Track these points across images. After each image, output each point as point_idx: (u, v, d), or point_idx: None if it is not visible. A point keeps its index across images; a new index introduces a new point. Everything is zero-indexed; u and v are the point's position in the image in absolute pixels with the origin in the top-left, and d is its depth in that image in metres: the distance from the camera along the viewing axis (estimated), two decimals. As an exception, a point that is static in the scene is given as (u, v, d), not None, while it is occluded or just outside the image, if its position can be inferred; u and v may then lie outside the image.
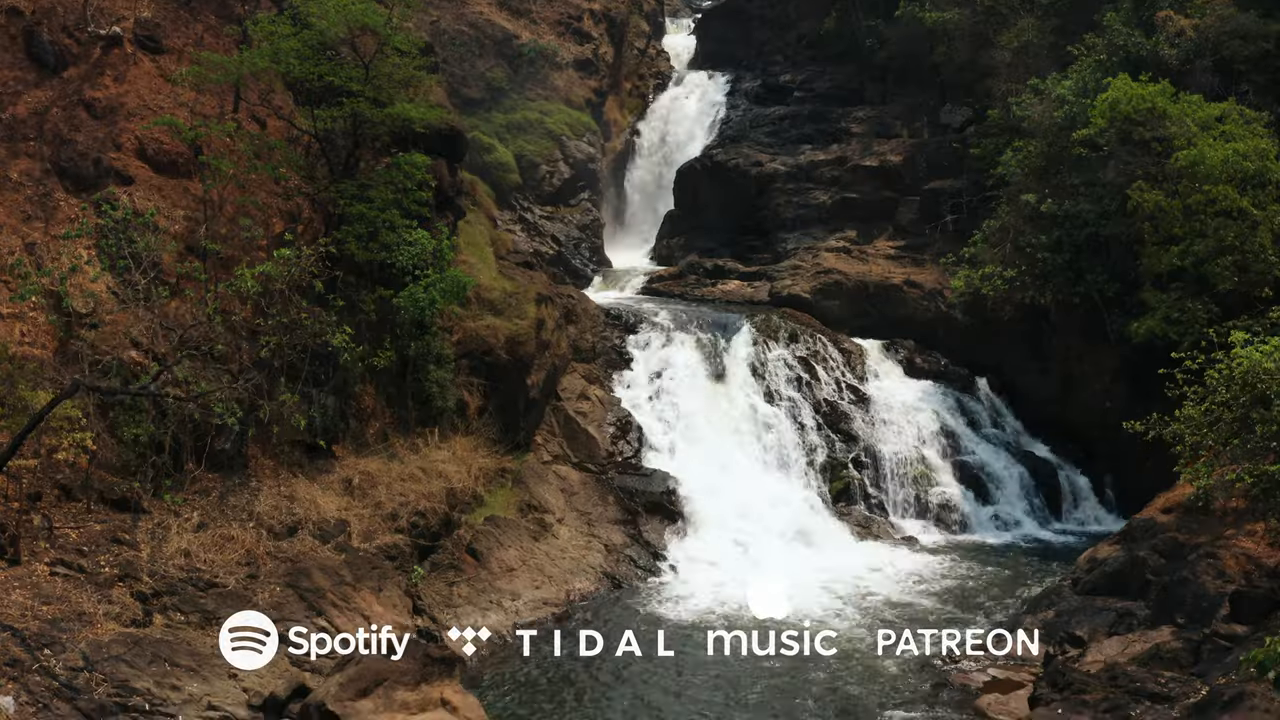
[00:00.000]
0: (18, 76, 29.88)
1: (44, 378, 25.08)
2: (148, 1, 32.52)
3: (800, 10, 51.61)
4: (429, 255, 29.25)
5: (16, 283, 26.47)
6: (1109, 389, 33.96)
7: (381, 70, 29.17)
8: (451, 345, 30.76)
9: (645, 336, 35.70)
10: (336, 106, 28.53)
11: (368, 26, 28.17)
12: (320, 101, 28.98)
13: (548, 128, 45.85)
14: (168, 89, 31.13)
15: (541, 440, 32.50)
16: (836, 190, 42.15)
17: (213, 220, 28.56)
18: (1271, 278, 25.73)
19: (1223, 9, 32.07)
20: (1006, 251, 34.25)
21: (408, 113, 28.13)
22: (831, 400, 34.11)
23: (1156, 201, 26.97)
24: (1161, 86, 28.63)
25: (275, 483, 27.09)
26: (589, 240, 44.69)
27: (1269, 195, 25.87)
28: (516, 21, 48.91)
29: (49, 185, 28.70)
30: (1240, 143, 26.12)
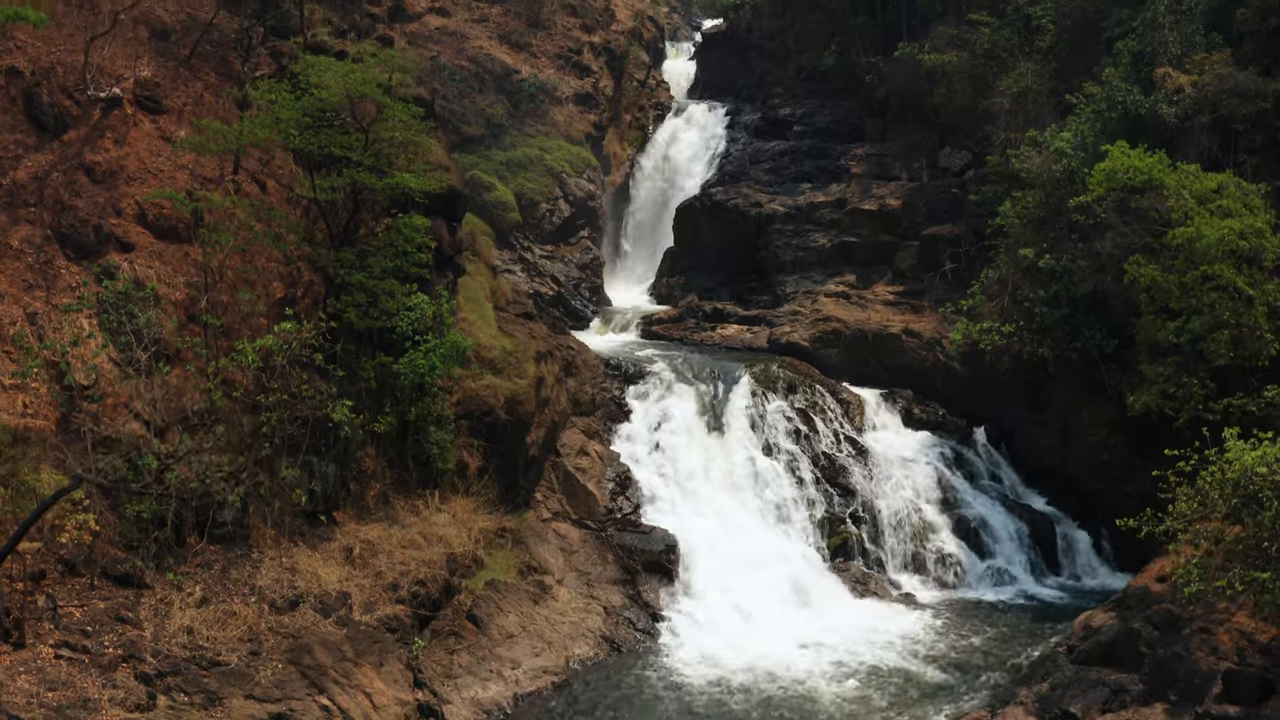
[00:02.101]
0: (18, 140, 29.96)
1: (46, 453, 25.35)
2: (147, 60, 32.64)
3: (800, 42, 51.58)
4: (429, 320, 29.40)
5: (18, 353, 26.63)
6: (1106, 441, 34.10)
7: (381, 135, 29.26)
8: (451, 406, 30.90)
9: (644, 387, 35.85)
10: (336, 174, 28.62)
11: (366, 95, 28.22)
12: (320, 166, 29.09)
13: (548, 165, 45.90)
14: (168, 150, 31.21)
15: (541, 497, 32.69)
16: (836, 233, 42.24)
17: (213, 288, 28.68)
18: (1267, 355, 25.86)
19: (1221, 67, 32.09)
20: (1004, 305, 34.37)
21: (407, 182, 28.24)
22: (830, 453, 34.28)
23: (1153, 276, 27.10)
24: (1158, 157, 28.69)
25: (277, 553, 27.28)
26: (589, 280, 44.79)
27: (1264, 273, 25.98)
28: (517, 56, 48.90)
29: (50, 253, 28.80)
30: (1236, 220, 26.21)
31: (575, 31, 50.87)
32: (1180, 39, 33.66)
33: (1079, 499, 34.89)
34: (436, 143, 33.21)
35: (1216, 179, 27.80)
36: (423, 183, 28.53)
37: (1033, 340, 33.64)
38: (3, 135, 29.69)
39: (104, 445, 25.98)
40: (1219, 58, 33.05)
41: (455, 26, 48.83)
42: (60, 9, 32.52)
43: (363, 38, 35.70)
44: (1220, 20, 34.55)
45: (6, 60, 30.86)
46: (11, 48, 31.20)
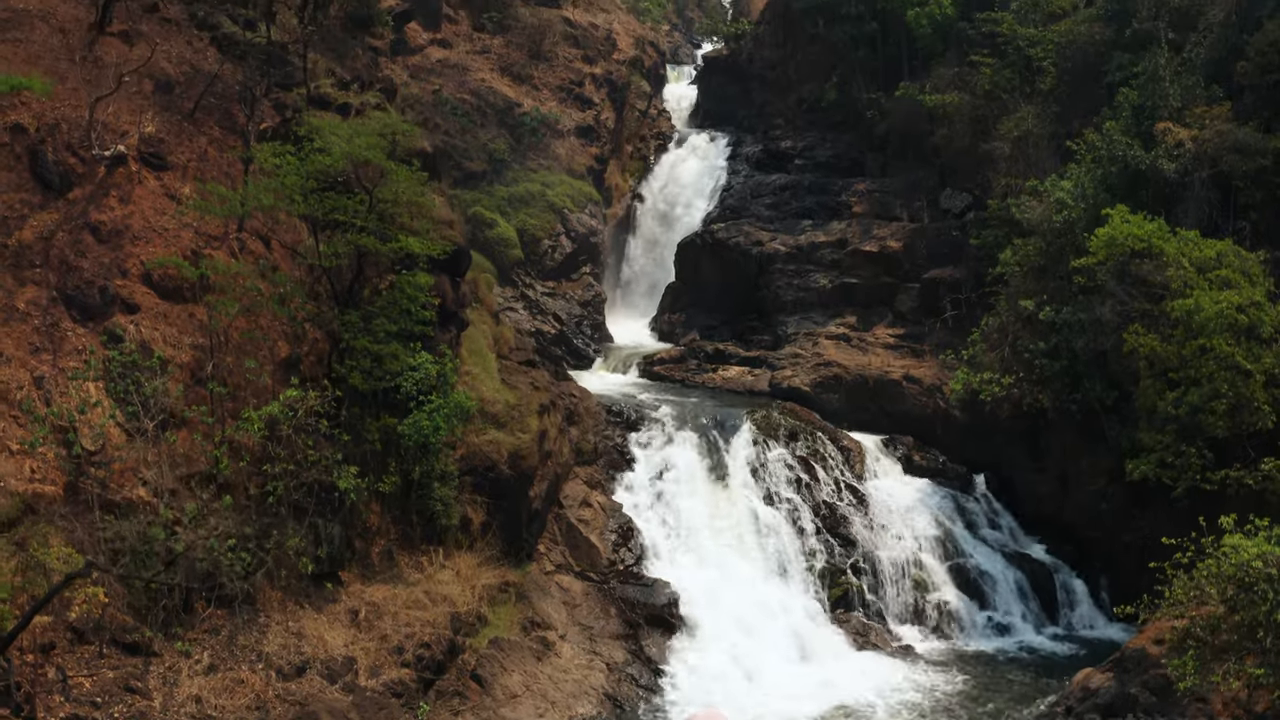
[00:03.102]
0: (23, 199, 30.02)
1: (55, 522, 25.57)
2: (151, 115, 32.70)
3: (801, 73, 51.65)
4: (433, 379, 29.59)
5: (25, 418, 26.83)
6: (1105, 490, 34.36)
7: (384, 196, 29.40)
8: (455, 462, 31.11)
9: (647, 434, 36.08)
10: (341, 236, 28.77)
11: (370, 160, 28.36)
12: (325, 227, 29.23)
13: (549, 200, 46.04)
14: (172, 208, 31.32)
15: (544, 549, 32.93)
16: (837, 274, 42.45)
17: (219, 350, 28.85)
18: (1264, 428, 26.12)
19: (1222, 123, 32.24)
20: (1004, 355, 34.59)
21: (411, 246, 28.42)
22: (830, 502, 34.53)
23: (1153, 347, 27.31)
24: (1158, 224, 28.88)
25: (283, 616, 27.50)
26: (590, 317, 44.99)
27: (1262, 345, 26.18)
28: (518, 88, 48.98)
29: (56, 315, 28.93)
30: (1235, 292, 26.41)
31: (577, 63, 50.96)
32: (1181, 91, 33.81)
33: (1077, 547, 35.17)
34: (439, 197, 33.36)
35: (1216, 247, 28.00)
36: (427, 247, 28.72)
37: (1032, 391, 33.88)
38: (8, 194, 29.77)
39: (112, 513, 26.20)
40: (1219, 111, 33.21)
41: (457, 59, 48.89)
42: (64, 64, 32.66)
43: (366, 89, 35.78)
44: (1221, 72, 34.71)
45: (11, 116, 30.92)
46: (16, 103, 31.22)
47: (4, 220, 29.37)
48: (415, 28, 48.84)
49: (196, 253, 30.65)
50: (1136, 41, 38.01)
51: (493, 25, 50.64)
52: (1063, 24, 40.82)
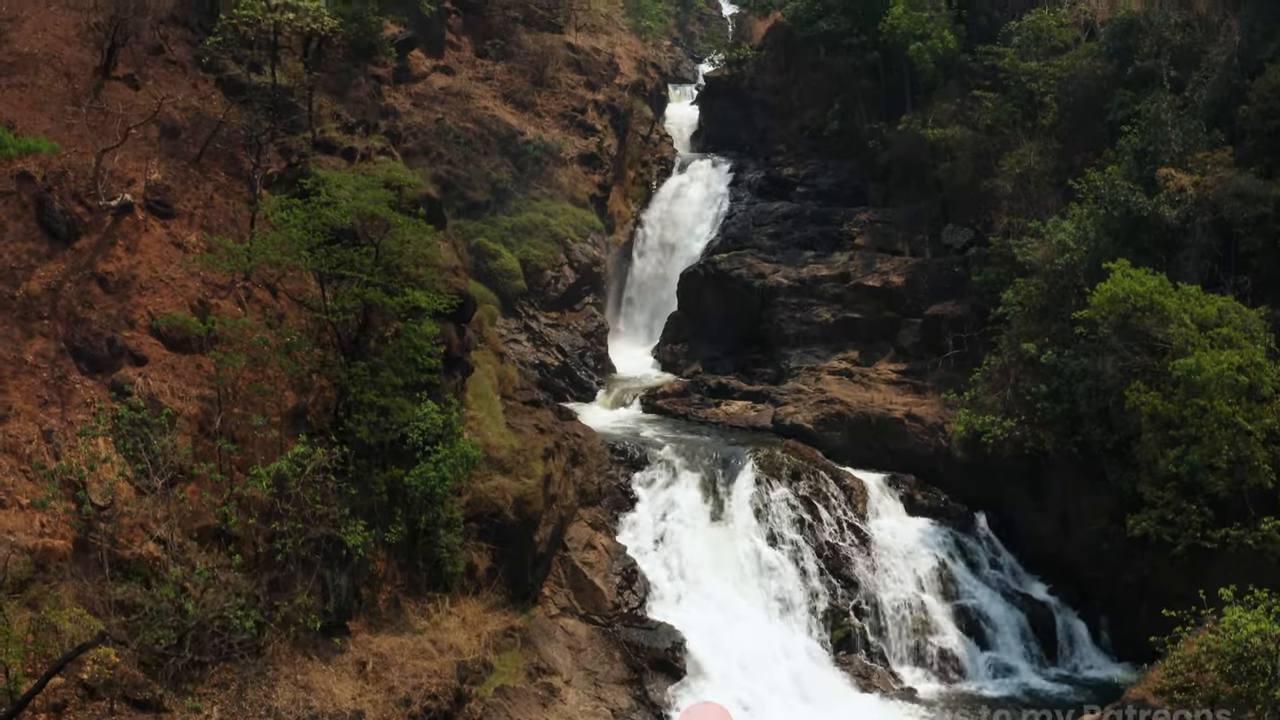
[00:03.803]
0: (30, 248, 30.09)
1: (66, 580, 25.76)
2: (157, 161, 32.81)
3: (803, 99, 51.74)
4: (439, 428, 29.78)
5: (35, 472, 27.02)
6: (1106, 530, 34.55)
7: (390, 247, 29.58)
8: (461, 508, 31.32)
9: (650, 474, 36.31)
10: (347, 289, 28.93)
11: (377, 215, 28.53)
12: (331, 278, 29.38)
13: (553, 230, 46.19)
14: (179, 256, 31.45)
15: (549, 592, 33.16)
16: (839, 308, 42.62)
17: (226, 401, 29.02)
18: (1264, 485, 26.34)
19: (1223, 169, 32.38)
20: (1006, 397, 34.80)
21: (418, 300, 28.60)
22: (833, 543, 34.77)
23: (1154, 405, 27.54)
24: (1159, 280, 29.03)
25: (291, 669, 27.70)
26: (593, 348, 45.16)
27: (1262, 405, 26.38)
28: (521, 115, 49.07)
29: (64, 367, 29.06)
30: (1236, 352, 26.60)
31: (579, 89, 51.05)
32: (1182, 135, 33.94)
33: (1078, 587, 35.40)
34: (444, 241, 33.50)
35: (1217, 303, 28.20)
36: (434, 301, 28.89)
37: (1034, 432, 34.12)
38: (15, 244, 29.86)
39: (122, 569, 26.42)
40: (1221, 156, 33.37)
41: (460, 86, 48.96)
42: (70, 109, 32.75)
43: (370, 132, 35.89)
44: (1222, 114, 34.85)
45: (18, 164, 30.96)
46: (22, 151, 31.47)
47: (12, 271, 29.53)
48: (418, 55, 48.92)
49: (203, 303, 30.83)
50: (1138, 79, 38.15)
51: (495, 51, 50.73)
52: (1064, 58, 40.93)
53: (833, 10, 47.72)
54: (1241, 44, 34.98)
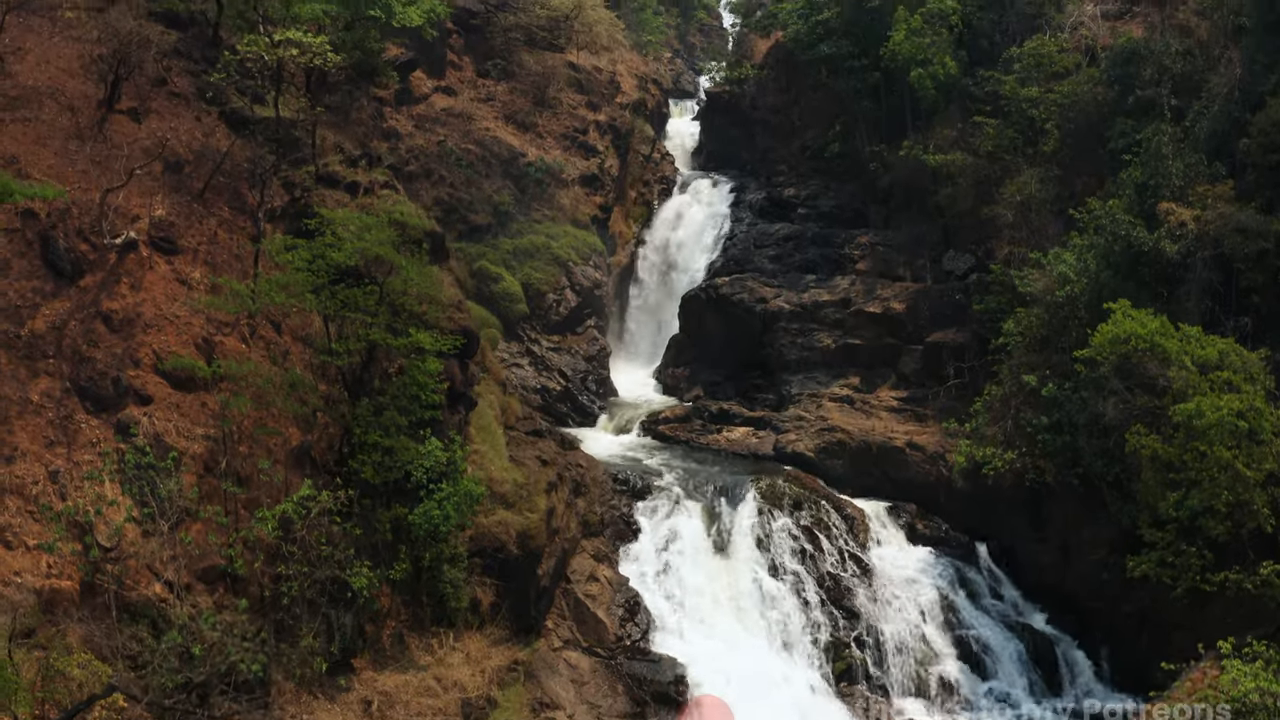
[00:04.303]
0: (35, 286, 30.15)
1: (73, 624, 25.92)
2: (161, 196, 32.88)
3: (804, 119, 51.81)
4: (443, 465, 29.94)
5: (41, 513, 27.17)
6: (1106, 561, 34.67)
7: (394, 287, 29.72)
8: (464, 543, 31.47)
9: (653, 503, 36.48)
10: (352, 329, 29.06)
11: (381, 257, 28.66)
12: (336, 317, 29.51)
13: (554, 253, 46.28)
14: (184, 294, 31.55)
15: (552, 624, 33.32)
16: (840, 333, 42.78)
17: (231, 440, 29.15)
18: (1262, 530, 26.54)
19: (1224, 204, 32.49)
20: (1007, 428, 34.93)
21: (422, 341, 28.74)
22: (835, 573, 34.93)
23: (1155, 449, 27.73)
24: (1160, 322, 29.14)
25: (297, 709, 27.87)
26: (595, 372, 45.30)
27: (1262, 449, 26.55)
28: (523, 137, 49.13)
29: (70, 406, 29.18)
30: (1236, 397, 26.77)
31: (580, 109, 51.10)
32: (1183, 169, 34.03)
33: (1079, 617, 35.54)
34: (447, 275, 33.62)
35: (1218, 345, 28.33)
36: (438, 343, 29.02)
37: (1035, 465, 34.27)
38: (20, 282, 29.94)
39: (129, 612, 26.57)
40: (1221, 190, 33.47)
41: (461, 107, 49.01)
42: (73, 144, 32.82)
43: (374, 165, 35.96)
44: (1223, 147, 34.92)
45: (23, 202, 31.14)
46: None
47: (17, 309, 29.63)
48: (420, 75, 48.96)
49: (208, 340, 30.95)
50: (1139, 108, 38.23)
51: (497, 72, 50.77)
52: (1065, 84, 41.00)
53: (834, 33, 47.81)
54: (1242, 76, 35.06)
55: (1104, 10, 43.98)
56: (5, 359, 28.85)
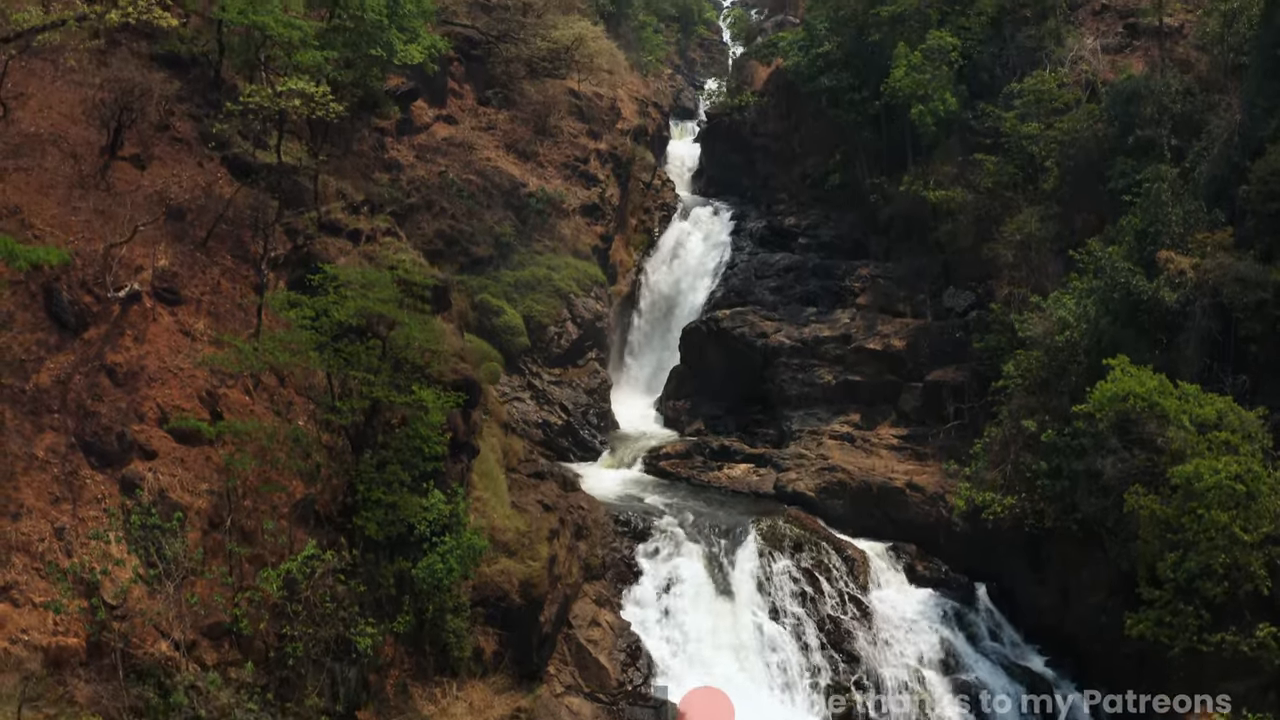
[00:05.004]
0: (39, 339, 30.23)
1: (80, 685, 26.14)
2: (164, 246, 32.97)
3: (805, 146, 51.89)
4: (446, 518, 30.13)
5: (47, 570, 27.36)
6: (1105, 603, 34.88)
7: (397, 340, 29.87)
8: (467, 592, 31.69)
9: (654, 544, 36.71)
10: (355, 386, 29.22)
11: (384, 315, 28.82)
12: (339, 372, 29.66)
13: (556, 285, 46.39)
14: (187, 345, 31.68)
15: (554, 670, 33.55)
16: (840, 369, 42.97)
17: (236, 495, 29.33)
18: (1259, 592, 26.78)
19: (1224, 254, 32.62)
20: (1007, 472, 35.13)
21: (425, 399, 28.88)
22: (835, 616, 35.16)
23: (1153, 509, 27.94)
24: (1159, 381, 29.29)
25: (301, 764, 28.14)
26: (596, 405, 45.47)
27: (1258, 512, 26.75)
28: (524, 166, 49.20)
29: (74, 462, 29.30)
30: (1234, 460, 26.95)
31: (582, 138, 51.15)
32: (1182, 215, 34.16)
33: (1078, 659, 35.77)
34: (450, 327, 33.77)
35: (1216, 405, 28.50)
36: (441, 401, 29.17)
37: (1034, 508, 34.52)
38: (24, 335, 30.02)
39: (135, 671, 26.78)
40: (1221, 237, 33.60)
41: (462, 136, 49.06)
42: (76, 193, 32.91)
43: (376, 212, 36.08)
44: (1223, 192, 35.02)
45: (27, 256, 31.25)
46: (30, 238, 31.51)
47: (22, 363, 29.74)
48: (421, 104, 49.02)
49: (211, 393, 31.11)
50: (1139, 147, 38.34)
51: (498, 100, 50.82)
52: (1065, 120, 41.07)
53: (834, 66, 47.89)
54: (1242, 121, 35.14)
55: (1104, 44, 44.04)
56: (10, 414, 29.00)
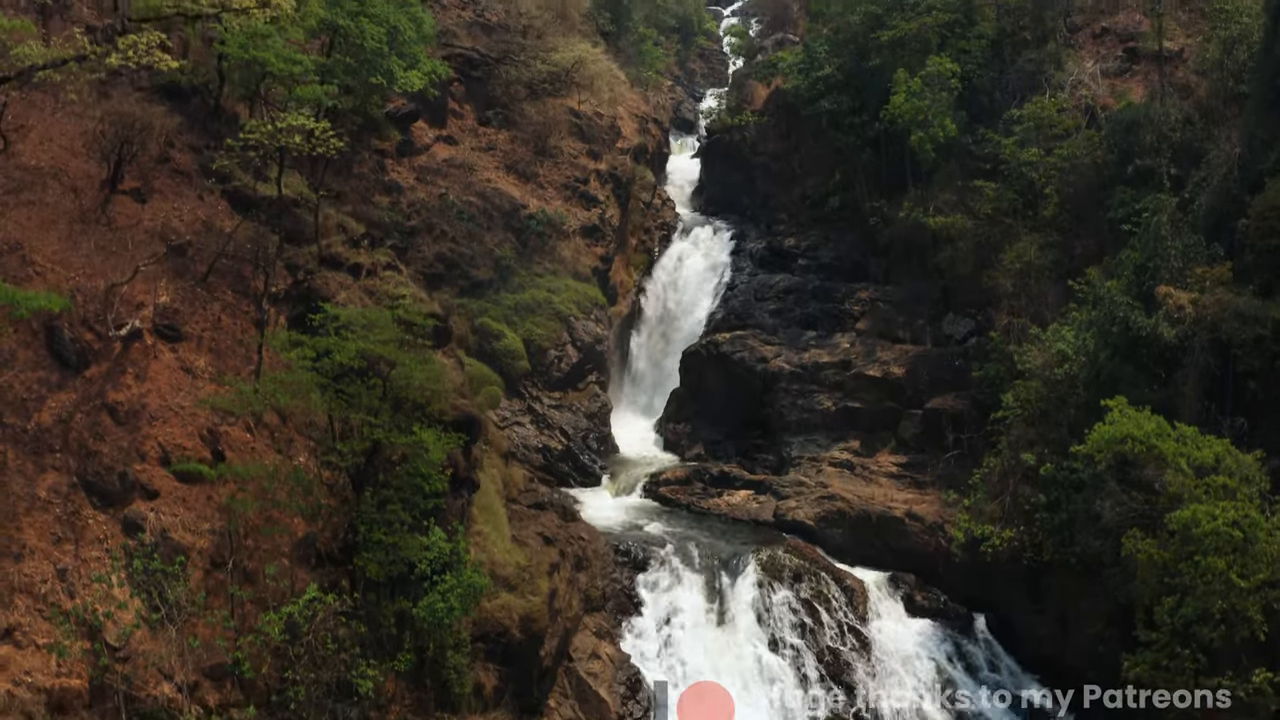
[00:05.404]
0: (40, 377, 30.28)
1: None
2: (165, 283, 33.00)
3: (805, 167, 51.90)
4: (446, 556, 30.24)
5: (50, 611, 27.48)
6: (1103, 634, 34.99)
7: (398, 380, 29.95)
8: (468, 628, 31.79)
9: (654, 575, 36.84)
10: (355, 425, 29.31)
11: (384, 356, 28.90)
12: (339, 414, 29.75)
13: (556, 308, 46.45)
14: (188, 383, 31.73)
15: (554, 704, 33.66)
16: (840, 395, 43.06)
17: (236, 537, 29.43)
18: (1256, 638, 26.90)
19: (1223, 291, 32.65)
20: (1005, 505, 35.23)
21: (426, 440, 28.96)
22: (834, 647, 35.30)
23: (1150, 553, 28.07)
24: (1157, 424, 29.34)
25: (303, 805, 28.28)
26: (596, 429, 45.54)
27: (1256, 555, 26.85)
28: (524, 187, 49.23)
29: (77, 502, 29.38)
30: (1231, 505, 27.04)
31: (582, 159, 51.18)
32: (1181, 249, 34.21)
33: (1078, 691, 35.79)
34: (449, 359, 33.83)
35: (1214, 449, 28.57)
36: (442, 442, 29.25)
37: (1033, 541, 34.64)
38: (26, 373, 30.04)
39: (138, 714, 26.92)
40: (1219, 272, 33.65)
41: (463, 157, 49.08)
42: (78, 228, 32.94)
43: (376, 245, 36.12)
44: (1222, 225, 35.05)
45: (27, 289, 31.25)
46: (31, 274, 31.58)
47: (23, 402, 29.80)
48: (422, 125, 49.04)
49: (213, 431, 31.18)
50: (1138, 176, 38.38)
51: (498, 120, 50.84)
52: (1064, 147, 41.09)
53: (834, 89, 47.88)
54: (1242, 154, 35.15)
55: (1104, 68, 44.06)
56: (13, 454, 29.07)
